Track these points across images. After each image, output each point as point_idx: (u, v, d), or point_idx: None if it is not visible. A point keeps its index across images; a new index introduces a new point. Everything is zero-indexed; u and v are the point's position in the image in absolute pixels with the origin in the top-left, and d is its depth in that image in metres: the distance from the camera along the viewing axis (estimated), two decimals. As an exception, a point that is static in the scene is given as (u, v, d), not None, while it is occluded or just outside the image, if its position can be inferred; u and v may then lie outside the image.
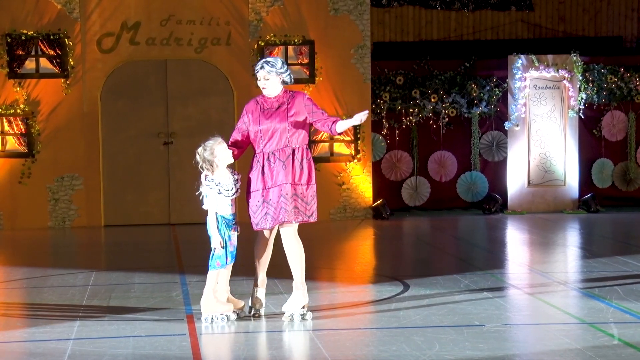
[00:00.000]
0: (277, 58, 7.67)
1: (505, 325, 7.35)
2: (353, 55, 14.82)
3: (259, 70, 7.57)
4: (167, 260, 11.52)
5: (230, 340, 7.05)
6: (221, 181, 7.39)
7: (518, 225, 14.07)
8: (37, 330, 7.34)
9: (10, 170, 14.21)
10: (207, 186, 7.38)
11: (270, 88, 7.56)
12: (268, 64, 7.55)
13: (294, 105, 7.52)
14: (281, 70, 7.56)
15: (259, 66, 7.58)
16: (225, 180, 7.41)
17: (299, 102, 7.55)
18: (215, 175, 7.41)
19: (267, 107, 7.56)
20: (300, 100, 7.56)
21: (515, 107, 15.28)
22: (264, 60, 7.59)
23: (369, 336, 7.17)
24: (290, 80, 7.66)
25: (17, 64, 14.14)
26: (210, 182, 7.38)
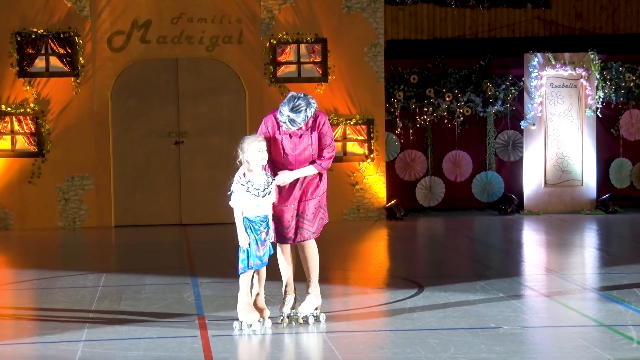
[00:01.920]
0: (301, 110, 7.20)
1: (521, 328, 7.33)
2: (366, 53, 14.81)
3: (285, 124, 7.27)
4: (179, 261, 11.53)
5: (243, 342, 7.06)
6: (252, 180, 7.28)
7: (534, 226, 14.03)
8: (47, 333, 7.36)
9: (20, 170, 14.25)
10: (236, 182, 7.30)
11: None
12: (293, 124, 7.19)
13: (315, 131, 7.38)
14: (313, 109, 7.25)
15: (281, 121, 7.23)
16: (257, 180, 7.29)
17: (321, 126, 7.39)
18: (249, 173, 7.28)
19: (293, 133, 7.38)
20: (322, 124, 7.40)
21: (531, 106, 15.24)
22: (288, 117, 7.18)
23: (383, 338, 7.16)
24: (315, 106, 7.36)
25: (27, 62, 14.19)
26: (240, 178, 7.27)
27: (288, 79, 14.61)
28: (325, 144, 7.42)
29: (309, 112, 7.24)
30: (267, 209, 7.30)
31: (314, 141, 7.39)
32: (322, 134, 7.40)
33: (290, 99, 7.24)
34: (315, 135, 7.38)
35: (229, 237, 13.18)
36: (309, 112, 7.23)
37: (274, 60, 14.58)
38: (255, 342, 7.06)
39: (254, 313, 7.25)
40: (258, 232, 7.24)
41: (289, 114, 7.21)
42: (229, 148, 14.27)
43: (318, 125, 7.39)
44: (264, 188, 7.27)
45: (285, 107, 7.23)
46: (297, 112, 7.21)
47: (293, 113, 7.20)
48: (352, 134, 14.80)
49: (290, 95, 7.28)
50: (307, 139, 7.36)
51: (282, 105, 7.26)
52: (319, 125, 7.39)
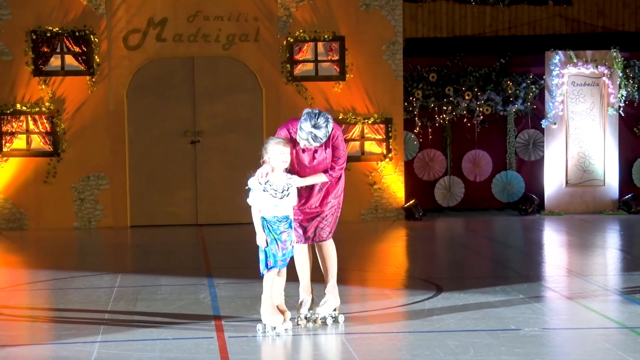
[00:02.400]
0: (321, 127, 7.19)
1: (542, 330, 7.31)
2: (385, 51, 14.79)
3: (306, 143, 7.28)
4: (195, 261, 11.56)
5: (260, 344, 7.06)
6: (271, 179, 7.27)
7: (555, 226, 13.99)
8: (63, 333, 7.39)
9: (36, 170, 14.32)
10: (254, 179, 7.29)
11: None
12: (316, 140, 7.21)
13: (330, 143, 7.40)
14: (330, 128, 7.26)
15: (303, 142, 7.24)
16: (276, 181, 7.29)
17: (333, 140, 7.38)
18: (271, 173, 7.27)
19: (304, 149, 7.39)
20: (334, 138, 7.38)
21: (552, 104, 15.19)
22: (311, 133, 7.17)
23: (401, 340, 7.15)
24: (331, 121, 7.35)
25: (42, 61, 14.25)
26: (260, 177, 7.26)
27: (305, 78, 14.62)
28: (337, 156, 7.47)
29: (329, 127, 7.27)
30: (287, 210, 7.29)
31: (329, 155, 7.42)
32: (334, 147, 7.44)
33: (309, 115, 7.23)
34: (329, 149, 7.41)
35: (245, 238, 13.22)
36: (329, 127, 7.27)
37: (291, 58, 14.58)
38: (273, 344, 7.07)
39: (277, 315, 7.25)
40: (277, 232, 7.23)
41: (312, 130, 7.20)
42: (245, 147, 14.46)
43: (331, 138, 7.41)
44: (282, 190, 7.26)
45: (307, 124, 7.21)
46: (319, 128, 7.22)
47: (315, 129, 7.20)
48: (370, 133, 14.79)
49: (307, 112, 7.26)
50: (322, 152, 7.39)
51: (301, 122, 7.24)
52: (332, 138, 7.41)
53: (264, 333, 7.21)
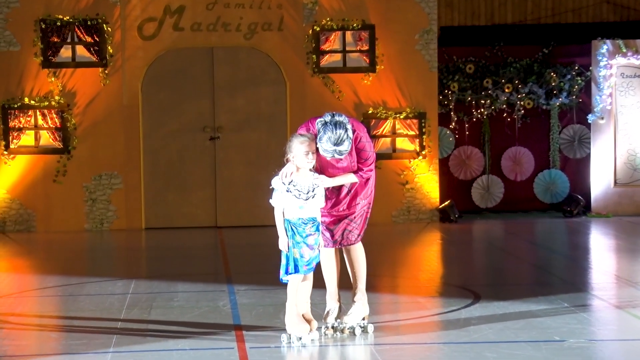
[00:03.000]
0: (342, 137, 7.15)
1: (589, 342, 7.26)
2: (418, 41, 14.76)
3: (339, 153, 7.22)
4: (214, 266, 11.58)
5: (284, 355, 7.06)
6: (295, 179, 7.27)
7: (603, 229, 13.91)
8: (73, 343, 7.42)
9: (45, 168, 14.40)
10: (278, 179, 7.29)
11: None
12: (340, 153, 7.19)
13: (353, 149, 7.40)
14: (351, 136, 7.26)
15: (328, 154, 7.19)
16: (301, 181, 7.28)
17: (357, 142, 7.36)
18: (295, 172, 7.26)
19: None
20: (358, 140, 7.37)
21: (599, 97, 15.11)
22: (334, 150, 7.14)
23: (435, 352, 7.13)
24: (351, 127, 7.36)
25: (52, 52, 14.33)
26: (284, 177, 7.25)
27: (332, 69, 14.61)
28: (364, 158, 7.44)
29: (350, 134, 7.25)
30: (313, 212, 7.28)
31: (354, 156, 7.41)
32: (359, 149, 7.43)
33: (326, 128, 7.18)
34: (353, 151, 7.40)
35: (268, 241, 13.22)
36: (350, 134, 7.24)
37: (317, 48, 14.58)
38: (298, 356, 7.06)
39: (303, 324, 7.24)
40: (303, 235, 7.22)
41: (335, 148, 7.19)
42: (267, 144, 14.48)
43: (354, 141, 7.38)
44: (308, 191, 7.25)
45: (328, 143, 7.16)
46: (341, 144, 7.20)
47: (338, 146, 7.19)
48: (402, 129, 14.76)
49: (322, 124, 7.21)
50: (345, 157, 7.36)
51: (321, 137, 7.18)
52: (355, 141, 7.38)
53: (289, 344, 7.21)
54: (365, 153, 7.47)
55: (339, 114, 7.31)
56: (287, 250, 7.22)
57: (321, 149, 7.24)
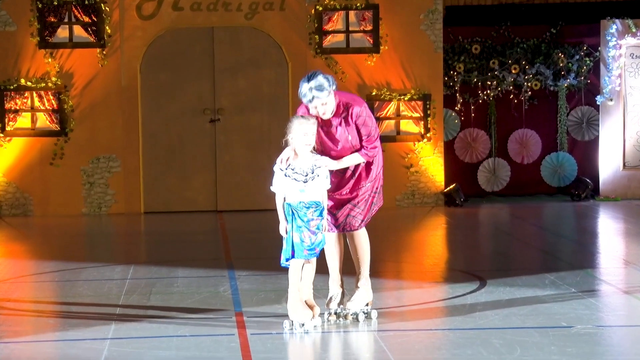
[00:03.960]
0: (317, 75, 7.30)
1: (596, 327, 7.26)
2: (423, 21, 14.72)
3: (312, 101, 7.28)
4: (214, 251, 11.59)
5: (285, 341, 7.07)
6: (294, 163, 7.25)
7: (611, 213, 13.90)
8: (71, 329, 7.43)
9: (41, 151, 14.40)
10: (276, 163, 7.29)
11: (329, 109, 7.35)
12: (317, 89, 7.26)
13: (352, 122, 7.36)
14: (330, 86, 7.29)
15: (308, 97, 7.27)
16: (301, 164, 7.26)
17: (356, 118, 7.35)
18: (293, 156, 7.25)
19: (326, 126, 7.40)
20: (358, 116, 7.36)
21: (608, 78, 15.07)
22: (309, 88, 7.25)
23: (440, 338, 7.14)
24: (336, 85, 7.40)
25: (48, 32, 14.31)
26: (280, 162, 7.25)
27: (335, 50, 14.58)
28: (365, 134, 7.42)
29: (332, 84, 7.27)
30: (315, 195, 7.26)
31: (352, 134, 7.38)
32: (360, 125, 7.40)
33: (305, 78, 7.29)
34: (353, 128, 7.38)
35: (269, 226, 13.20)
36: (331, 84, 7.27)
37: (320, 29, 14.55)
38: (300, 342, 7.07)
39: (306, 310, 7.24)
40: (304, 219, 7.21)
41: (312, 86, 7.23)
42: (269, 127, 14.47)
43: (351, 116, 7.36)
44: (307, 173, 7.23)
45: (304, 85, 7.26)
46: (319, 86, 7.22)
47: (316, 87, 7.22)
48: (406, 111, 14.74)
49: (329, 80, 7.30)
50: (343, 131, 7.36)
51: (300, 86, 7.30)
52: (352, 116, 7.36)
53: (291, 330, 7.21)
54: (367, 128, 7.43)
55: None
56: (286, 234, 7.23)
57: (300, 95, 7.28)
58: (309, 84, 7.27)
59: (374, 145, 7.48)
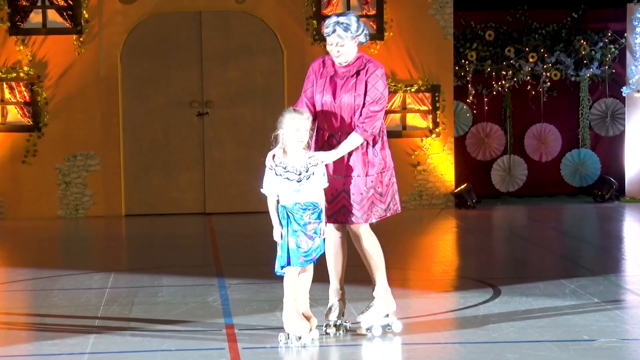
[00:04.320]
0: (350, 15, 7.45)
1: (621, 341, 7.29)
2: (431, 4, 14.75)
3: (330, 35, 7.42)
4: (202, 258, 11.61)
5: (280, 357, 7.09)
6: (285, 161, 7.27)
7: (638, 216, 13.93)
8: (45, 343, 7.45)
9: (12, 147, 14.42)
10: (266, 163, 7.30)
11: (345, 55, 7.44)
12: (341, 26, 7.38)
13: (363, 78, 7.43)
14: (357, 32, 7.42)
15: (329, 29, 7.41)
16: (293, 162, 7.28)
17: (368, 75, 7.43)
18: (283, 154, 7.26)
19: (336, 76, 7.48)
20: (370, 73, 7.43)
21: (635, 68, 15.11)
22: (335, 22, 7.40)
23: (450, 352, 7.16)
24: (366, 39, 7.52)
25: (20, 17, 14.32)
26: (269, 160, 7.27)
27: (335, 36, 14.57)
28: (371, 98, 7.39)
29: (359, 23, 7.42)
30: (312, 195, 7.27)
31: (359, 91, 7.39)
32: (368, 84, 7.40)
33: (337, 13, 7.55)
34: (362, 85, 7.40)
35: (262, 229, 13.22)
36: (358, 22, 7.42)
37: (318, 13, 14.57)
38: (295, 357, 7.09)
39: (302, 322, 7.26)
40: (300, 222, 7.23)
41: (337, 20, 7.38)
42: (263, 120, 14.48)
43: (366, 72, 7.41)
44: (301, 172, 7.24)
45: (334, 17, 7.45)
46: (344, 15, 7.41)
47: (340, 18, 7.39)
48: (413, 104, 14.77)
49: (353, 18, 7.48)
50: (352, 84, 7.38)
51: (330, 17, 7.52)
52: (367, 72, 7.41)
53: (287, 343, 7.24)
54: (375, 92, 7.38)
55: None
56: (282, 240, 7.23)
57: (325, 27, 7.42)
58: (338, 18, 7.42)
59: (373, 116, 7.39)
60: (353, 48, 7.44)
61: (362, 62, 7.46)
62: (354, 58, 7.48)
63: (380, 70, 7.44)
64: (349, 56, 7.45)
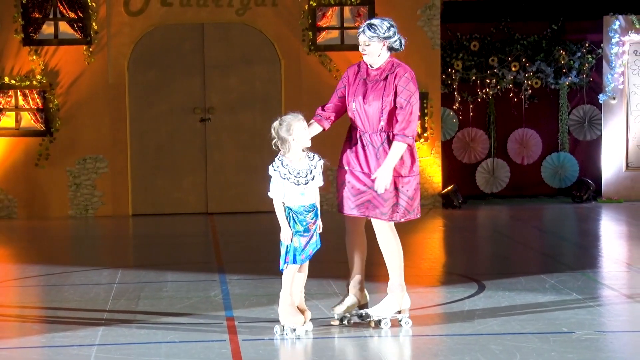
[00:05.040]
0: (384, 20, 7.54)
1: (598, 333, 7.28)
2: (420, 16, 14.74)
3: (360, 34, 7.50)
4: (205, 255, 11.60)
5: (276, 347, 7.08)
6: (290, 164, 7.25)
7: (614, 215, 13.92)
8: (57, 335, 7.44)
9: (26, 151, 14.39)
10: (272, 167, 7.27)
11: (371, 56, 7.48)
12: (370, 28, 7.45)
13: (392, 82, 7.41)
14: (385, 34, 7.45)
15: (360, 29, 7.52)
16: (297, 165, 7.27)
17: (398, 79, 7.41)
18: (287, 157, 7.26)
19: (368, 79, 7.49)
20: (400, 77, 7.42)
21: (611, 76, 15.09)
22: (367, 23, 7.51)
23: (437, 344, 7.15)
24: (400, 47, 7.55)
25: (33, 28, 14.30)
26: (276, 163, 7.25)
27: (330, 47, 14.59)
28: (404, 99, 7.34)
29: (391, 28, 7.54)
30: (314, 197, 7.28)
31: (387, 93, 7.36)
32: (398, 85, 7.38)
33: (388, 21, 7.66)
34: (390, 87, 7.39)
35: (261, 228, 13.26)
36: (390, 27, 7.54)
37: (314, 25, 14.56)
38: (291, 348, 7.08)
39: (298, 315, 7.25)
40: (303, 223, 7.23)
41: (370, 20, 7.54)
42: (262, 126, 14.45)
43: (395, 76, 7.41)
44: (306, 174, 7.25)
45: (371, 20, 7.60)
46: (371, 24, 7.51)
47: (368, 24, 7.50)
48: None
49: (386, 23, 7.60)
50: (381, 86, 7.39)
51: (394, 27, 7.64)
52: (396, 77, 7.40)
53: (282, 335, 7.23)
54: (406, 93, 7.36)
55: None
56: (290, 241, 7.21)
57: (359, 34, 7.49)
58: (371, 20, 7.57)
59: (405, 119, 7.31)
60: (380, 50, 7.48)
61: (392, 67, 7.50)
62: (385, 62, 7.50)
63: (410, 73, 7.49)
64: (374, 56, 7.48)
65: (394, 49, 7.55)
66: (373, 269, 8.36)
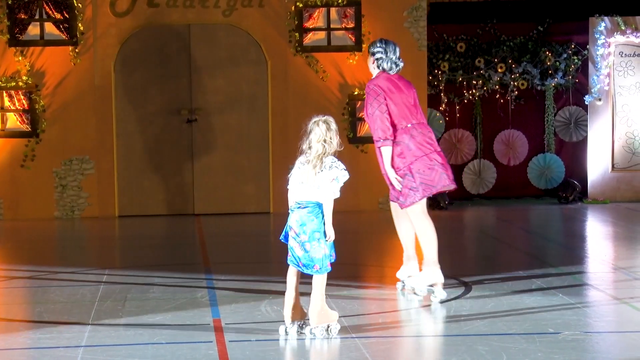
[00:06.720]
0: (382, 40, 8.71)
1: (584, 334, 7.31)
2: (406, 18, 14.76)
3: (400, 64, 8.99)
4: (191, 256, 11.59)
5: (263, 348, 7.08)
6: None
7: (600, 216, 13.96)
8: (43, 336, 7.43)
9: (12, 152, 14.36)
10: (342, 167, 7.29)
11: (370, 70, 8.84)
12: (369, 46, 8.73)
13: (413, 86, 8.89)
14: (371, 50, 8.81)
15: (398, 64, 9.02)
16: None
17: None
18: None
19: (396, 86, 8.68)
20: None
21: (597, 78, 15.14)
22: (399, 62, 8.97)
23: (424, 345, 7.16)
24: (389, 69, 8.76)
25: (19, 29, 14.27)
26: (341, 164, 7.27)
27: (316, 48, 14.60)
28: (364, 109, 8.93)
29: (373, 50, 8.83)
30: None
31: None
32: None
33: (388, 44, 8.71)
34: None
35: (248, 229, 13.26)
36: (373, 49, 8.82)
37: (300, 26, 14.57)
38: (278, 348, 7.09)
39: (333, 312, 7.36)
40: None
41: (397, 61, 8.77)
42: (248, 127, 14.47)
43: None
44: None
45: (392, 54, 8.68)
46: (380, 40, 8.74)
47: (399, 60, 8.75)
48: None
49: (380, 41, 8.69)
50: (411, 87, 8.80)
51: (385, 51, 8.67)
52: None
53: (329, 334, 7.21)
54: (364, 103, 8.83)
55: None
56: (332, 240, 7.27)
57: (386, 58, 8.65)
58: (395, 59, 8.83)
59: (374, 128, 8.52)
60: (370, 65, 8.82)
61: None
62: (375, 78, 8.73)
63: (367, 88, 8.72)
64: (370, 70, 8.82)
65: (384, 68, 8.67)
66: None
